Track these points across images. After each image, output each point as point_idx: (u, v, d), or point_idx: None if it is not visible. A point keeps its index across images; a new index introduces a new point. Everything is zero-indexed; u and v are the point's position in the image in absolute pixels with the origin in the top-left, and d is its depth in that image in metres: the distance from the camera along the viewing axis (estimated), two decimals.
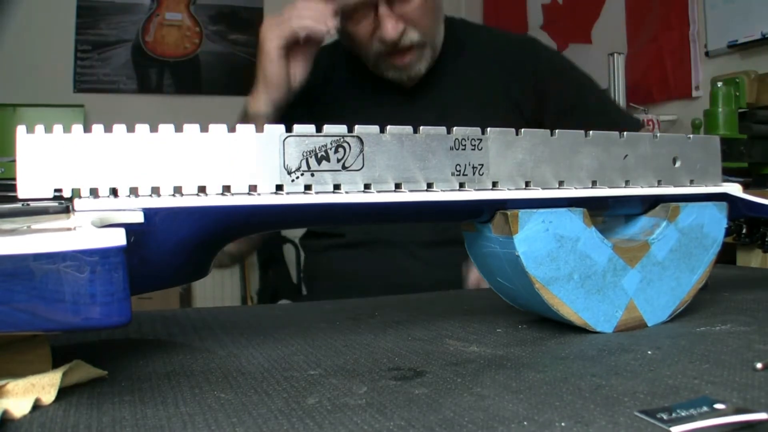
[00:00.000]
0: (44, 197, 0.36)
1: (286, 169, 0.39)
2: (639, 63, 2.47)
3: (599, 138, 0.47)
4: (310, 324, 0.53)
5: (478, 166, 0.44)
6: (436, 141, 0.43)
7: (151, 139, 0.37)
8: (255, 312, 0.68)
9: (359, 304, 0.64)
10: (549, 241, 0.44)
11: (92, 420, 0.30)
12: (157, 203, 0.37)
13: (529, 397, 0.32)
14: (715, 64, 2.23)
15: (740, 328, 0.46)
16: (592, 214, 0.46)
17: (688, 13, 2.32)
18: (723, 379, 0.34)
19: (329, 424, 0.29)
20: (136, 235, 0.36)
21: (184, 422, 0.30)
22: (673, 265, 0.48)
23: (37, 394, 0.33)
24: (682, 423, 0.27)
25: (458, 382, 0.35)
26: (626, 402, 0.31)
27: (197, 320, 0.56)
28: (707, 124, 1.75)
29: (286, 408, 0.32)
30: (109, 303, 0.30)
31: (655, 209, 0.49)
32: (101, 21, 2.89)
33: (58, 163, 0.36)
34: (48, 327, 0.30)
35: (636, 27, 2.55)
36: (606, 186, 0.47)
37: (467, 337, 0.46)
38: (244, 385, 0.36)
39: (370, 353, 0.42)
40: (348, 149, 0.41)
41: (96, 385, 0.36)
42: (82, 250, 0.30)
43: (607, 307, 0.45)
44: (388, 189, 0.42)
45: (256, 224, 0.42)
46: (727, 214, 0.50)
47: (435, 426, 0.29)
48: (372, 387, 0.35)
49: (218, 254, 0.42)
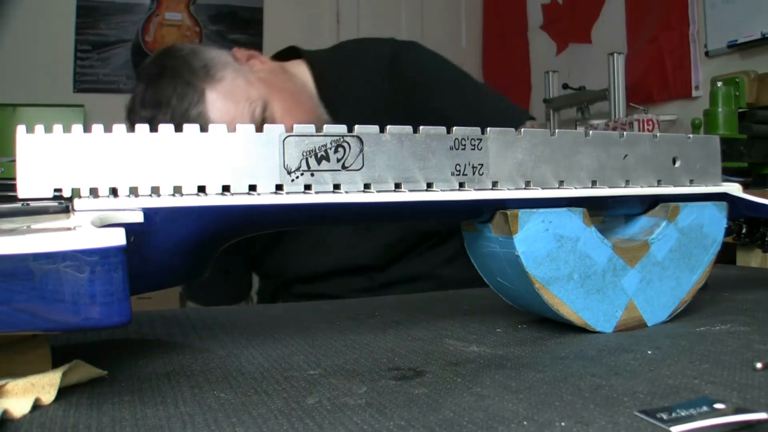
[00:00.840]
0: (44, 197, 0.36)
1: (286, 168, 0.39)
2: (639, 63, 2.47)
3: (599, 138, 0.47)
4: (310, 324, 0.53)
5: (477, 165, 0.44)
6: (436, 141, 0.43)
7: (151, 139, 0.37)
8: (255, 312, 0.68)
9: (359, 304, 0.64)
10: (549, 241, 0.44)
11: (92, 420, 0.30)
12: (157, 203, 0.37)
13: (528, 397, 0.32)
14: (715, 64, 2.23)
15: (740, 328, 0.46)
16: (592, 214, 0.46)
17: (688, 13, 2.32)
18: (723, 379, 0.34)
19: (329, 424, 0.29)
20: (136, 235, 0.36)
21: (183, 422, 0.30)
22: (672, 265, 0.48)
23: (36, 394, 0.33)
24: (682, 423, 0.27)
25: (458, 382, 0.35)
26: (626, 402, 0.31)
27: (197, 320, 0.56)
28: (707, 124, 1.75)
29: (285, 408, 0.32)
30: (109, 303, 0.30)
31: (654, 209, 0.49)
32: (101, 21, 2.89)
33: (57, 162, 0.36)
34: (48, 327, 0.30)
35: (636, 27, 2.55)
36: (606, 186, 0.47)
37: (467, 337, 0.46)
38: (243, 385, 0.36)
39: (369, 353, 0.42)
40: (348, 149, 0.41)
41: (96, 385, 0.36)
42: (82, 250, 0.30)
43: (607, 307, 0.45)
44: (387, 189, 0.42)
45: (256, 224, 0.42)
46: (726, 214, 0.50)
47: (435, 426, 0.29)
48: (372, 387, 0.35)
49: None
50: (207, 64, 0.83)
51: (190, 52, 0.84)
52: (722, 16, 2.20)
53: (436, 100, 0.92)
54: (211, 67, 0.82)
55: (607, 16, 2.69)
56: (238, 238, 0.42)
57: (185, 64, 0.82)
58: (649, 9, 2.48)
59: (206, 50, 0.86)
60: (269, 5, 3.05)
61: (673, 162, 0.50)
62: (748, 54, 2.15)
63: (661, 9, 2.42)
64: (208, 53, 0.85)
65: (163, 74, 0.81)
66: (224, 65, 0.84)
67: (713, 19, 2.24)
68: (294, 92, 0.87)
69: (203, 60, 0.83)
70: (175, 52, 0.85)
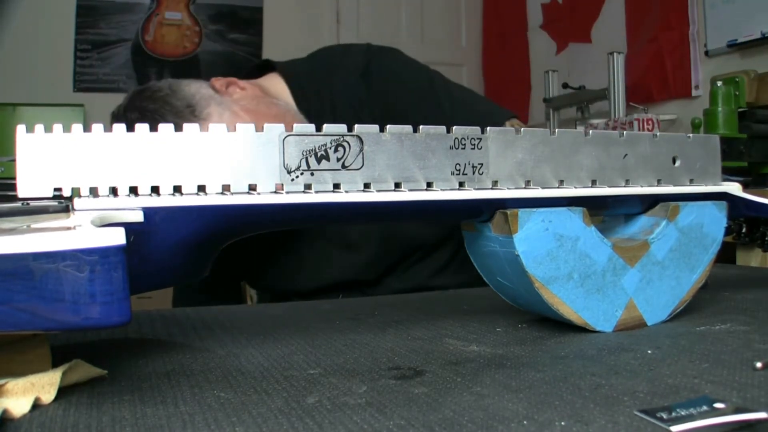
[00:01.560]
0: (44, 196, 0.36)
1: (286, 168, 0.39)
2: (639, 62, 2.47)
3: (599, 137, 0.47)
4: (309, 323, 0.53)
5: (477, 165, 0.44)
6: (436, 140, 0.43)
7: (151, 139, 0.37)
8: (255, 311, 0.68)
9: (359, 304, 0.64)
10: (549, 241, 0.44)
11: (92, 419, 0.30)
12: (157, 202, 0.37)
13: (528, 397, 0.32)
14: (715, 63, 2.23)
15: (740, 327, 0.46)
16: (592, 214, 0.46)
17: (688, 12, 2.32)
18: (723, 379, 0.34)
19: (329, 424, 0.29)
20: (136, 235, 0.36)
21: (183, 421, 0.30)
22: (672, 264, 0.48)
23: (36, 394, 0.33)
24: (682, 422, 0.27)
25: (458, 382, 0.35)
26: (626, 401, 0.31)
27: (197, 320, 0.56)
28: (707, 124, 1.75)
29: (285, 407, 0.32)
30: (109, 302, 0.30)
31: (654, 208, 0.49)
32: (101, 20, 2.89)
33: (57, 162, 0.36)
34: (48, 326, 0.30)
35: (636, 26, 2.55)
36: (605, 185, 0.47)
37: (467, 337, 0.46)
38: (243, 385, 0.36)
39: (369, 353, 0.42)
40: (348, 148, 0.41)
41: (96, 385, 0.36)
42: (82, 250, 0.30)
43: (607, 307, 0.45)
44: (387, 188, 0.42)
45: (256, 223, 0.42)
46: (726, 213, 0.50)
47: (435, 425, 0.29)
48: (372, 386, 0.35)
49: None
50: (190, 102, 0.81)
51: (169, 91, 0.82)
52: (722, 15, 2.20)
53: (410, 109, 0.91)
54: (195, 105, 0.80)
55: (607, 16, 2.69)
56: (238, 238, 0.42)
57: (167, 105, 0.80)
58: (649, 8, 2.48)
59: (185, 86, 0.83)
60: (269, 5, 3.05)
61: (673, 161, 0.50)
62: (748, 53, 2.15)
63: (661, 9, 2.42)
64: (188, 89, 0.83)
65: (144, 119, 0.74)
66: (207, 100, 0.82)
67: (713, 18, 2.24)
68: (279, 116, 0.86)
69: (185, 98, 0.81)
70: (153, 93, 0.82)
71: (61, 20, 2.81)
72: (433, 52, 3.13)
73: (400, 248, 0.92)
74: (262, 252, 0.91)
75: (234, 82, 0.87)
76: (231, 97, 0.85)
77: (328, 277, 0.91)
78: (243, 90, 0.87)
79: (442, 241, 0.93)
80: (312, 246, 0.92)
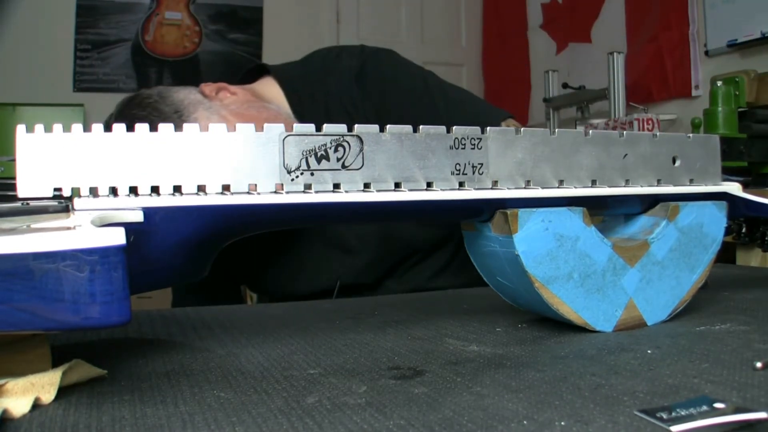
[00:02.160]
0: (44, 196, 0.36)
1: (286, 168, 0.39)
2: (639, 62, 2.47)
3: (599, 137, 0.47)
4: (309, 323, 0.53)
5: (477, 165, 0.44)
6: (436, 140, 0.43)
7: (151, 139, 0.37)
8: (255, 311, 0.68)
9: (359, 304, 0.64)
10: (548, 241, 0.44)
11: (92, 419, 0.30)
12: (157, 202, 0.37)
13: (528, 396, 0.32)
14: (715, 63, 2.23)
15: (740, 327, 0.46)
16: (592, 214, 0.46)
17: (688, 12, 2.32)
18: (723, 379, 0.34)
19: (329, 423, 0.29)
20: (136, 235, 0.36)
21: (183, 421, 0.30)
22: (672, 264, 0.48)
23: (36, 394, 0.33)
24: (682, 422, 0.27)
25: (458, 382, 0.35)
26: (626, 401, 0.31)
27: (197, 320, 0.56)
28: (707, 124, 1.75)
29: (285, 407, 0.32)
30: (109, 302, 0.30)
31: (654, 208, 0.49)
32: (101, 20, 2.89)
33: (57, 162, 0.36)
34: (48, 326, 0.30)
35: (636, 26, 2.55)
36: (605, 185, 0.47)
37: (467, 337, 0.46)
38: (243, 385, 0.36)
39: (369, 352, 0.42)
40: (348, 148, 0.41)
41: (95, 385, 0.36)
42: (82, 250, 0.30)
43: (607, 307, 0.45)
44: (387, 188, 0.42)
45: (256, 223, 0.42)
46: (726, 213, 0.50)
47: (434, 425, 0.29)
48: (371, 386, 0.35)
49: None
50: (178, 108, 0.81)
51: (158, 98, 0.82)
52: (722, 15, 2.20)
53: (405, 110, 0.91)
54: (183, 111, 0.81)
55: (606, 16, 2.69)
56: (238, 238, 0.42)
57: (155, 111, 0.80)
58: (649, 8, 2.48)
59: (173, 92, 0.84)
60: (269, 5, 3.05)
61: (673, 161, 0.50)
62: (747, 53, 2.15)
63: (660, 8, 2.42)
64: (176, 95, 0.83)
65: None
66: (195, 105, 0.82)
67: (713, 18, 2.24)
68: (270, 119, 0.86)
69: (173, 104, 0.81)
70: (142, 100, 0.82)
71: (61, 20, 2.81)
72: (433, 52, 3.14)
73: (398, 250, 0.92)
74: (261, 256, 0.91)
75: (224, 87, 0.87)
76: (221, 102, 0.85)
77: (327, 281, 0.91)
78: (233, 95, 0.87)
79: (440, 243, 0.93)
80: (311, 249, 0.92)
